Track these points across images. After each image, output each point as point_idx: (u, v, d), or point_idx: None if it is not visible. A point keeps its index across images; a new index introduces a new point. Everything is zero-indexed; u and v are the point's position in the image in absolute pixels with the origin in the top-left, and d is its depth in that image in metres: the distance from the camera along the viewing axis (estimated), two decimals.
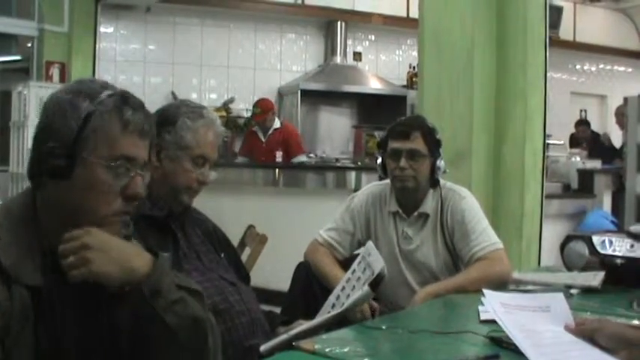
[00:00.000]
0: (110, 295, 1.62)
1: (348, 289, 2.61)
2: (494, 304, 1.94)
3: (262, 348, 2.23)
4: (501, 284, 2.90)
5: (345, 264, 3.16)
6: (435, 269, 3.18)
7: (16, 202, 1.64)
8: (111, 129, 1.58)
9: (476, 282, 2.90)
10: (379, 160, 3.31)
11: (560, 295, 2.05)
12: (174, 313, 1.61)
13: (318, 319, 2.39)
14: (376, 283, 2.40)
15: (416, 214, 3.23)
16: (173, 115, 2.52)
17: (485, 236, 3.10)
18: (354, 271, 2.65)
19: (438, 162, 3.17)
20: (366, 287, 2.39)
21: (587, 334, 1.80)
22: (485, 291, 2.05)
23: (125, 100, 1.62)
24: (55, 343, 1.54)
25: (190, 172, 2.50)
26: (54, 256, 1.55)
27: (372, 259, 2.55)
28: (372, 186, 3.43)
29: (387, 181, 3.32)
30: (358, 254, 3.35)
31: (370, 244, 2.70)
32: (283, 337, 2.22)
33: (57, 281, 1.55)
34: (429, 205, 3.21)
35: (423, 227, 3.22)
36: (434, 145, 3.18)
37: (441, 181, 3.22)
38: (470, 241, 3.09)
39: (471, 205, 3.20)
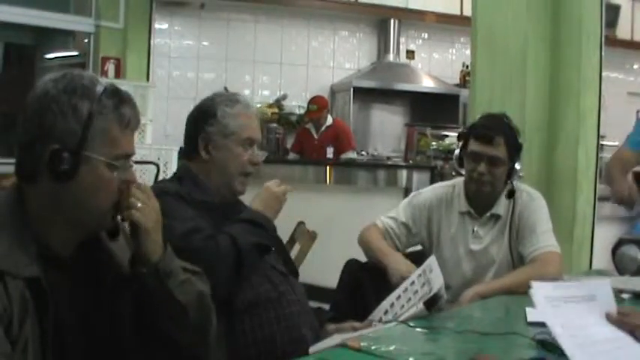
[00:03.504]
0: (110, 282, 1.72)
1: (404, 300, 2.61)
2: (540, 300, 1.92)
3: (311, 350, 2.24)
4: None
5: None
6: (499, 270, 3.17)
7: (3, 198, 1.66)
8: (112, 129, 1.65)
9: (524, 283, 2.87)
10: (456, 152, 3.29)
11: (606, 282, 2.03)
12: (183, 290, 1.75)
13: (372, 329, 2.39)
14: (432, 302, 2.39)
15: (488, 214, 3.23)
16: (211, 107, 2.60)
17: (542, 237, 3.09)
18: (412, 282, 2.64)
19: (516, 166, 3.16)
20: (421, 305, 2.39)
21: (629, 327, 1.77)
22: (533, 283, 2.05)
23: (120, 97, 1.68)
24: (59, 331, 1.59)
25: (241, 156, 2.58)
26: (48, 247, 1.62)
27: (433, 275, 2.54)
28: (436, 187, 3.44)
29: (453, 182, 3.35)
30: (414, 251, 3.38)
31: (433, 259, 2.66)
32: (335, 341, 2.22)
33: (53, 270, 1.60)
34: (502, 206, 3.21)
35: (493, 228, 3.23)
36: (515, 150, 3.16)
37: (516, 184, 3.21)
38: (529, 240, 3.10)
39: (538, 207, 3.21)
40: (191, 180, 2.58)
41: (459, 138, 3.35)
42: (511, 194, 3.17)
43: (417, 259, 3.17)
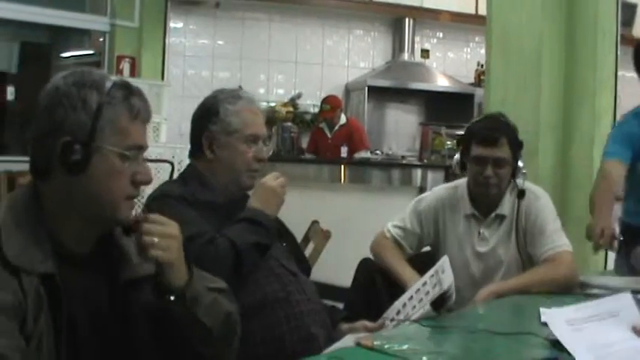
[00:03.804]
0: (125, 281, 1.71)
1: (416, 300, 2.59)
2: (559, 325, 1.92)
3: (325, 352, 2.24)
4: (566, 287, 2.86)
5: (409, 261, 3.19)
6: (508, 270, 3.15)
7: (19, 196, 1.67)
8: (122, 119, 1.65)
9: (540, 283, 2.88)
10: (457, 157, 3.26)
11: (628, 296, 2.02)
12: (210, 313, 1.73)
13: (385, 330, 2.39)
14: (440, 302, 2.39)
15: (493, 215, 3.20)
16: (214, 105, 2.58)
17: (554, 237, 3.06)
18: (424, 283, 2.62)
19: (519, 164, 3.14)
20: (428, 306, 2.39)
21: None
22: (546, 312, 2.05)
23: (130, 89, 1.68)
24: (74, 328, 1.60)
25: (246, 153, 2.56)
26: (62, 245, 1.63)
27: (444, 276, 2.52)
28: (440, 189, 3.41)
29: (455, 184, 3.32)
30: (423, 252, 3.37)
31: (445, 259, 2.63)
32: (348, 342, 2.22)
33: (68, 267, 1.61)
34: (506, 206, 3.18)
35: (499, 228, 3.20)
36: (517, 148, 3.14)
37: (520, 183, 3.18)
38: (540, 241, 3.06)
39: (545, 205, 3.17)
40: (197, 179, 2.57)
41: (458, 143, 3.31)
42: (521, 194, 3.15)
43: (425, 260, 3.18)
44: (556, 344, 1.88)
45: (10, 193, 1.72)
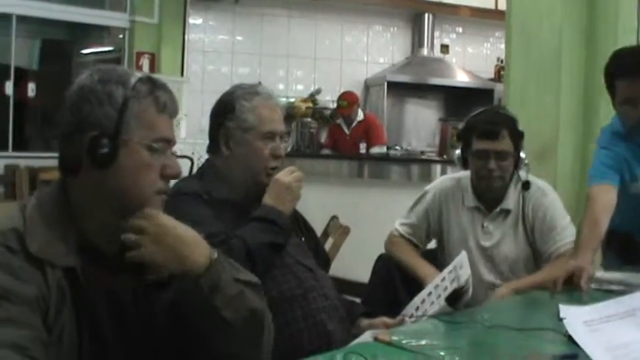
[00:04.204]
0: (148, 282, 1.68)
1: (434, 296, 2.59)
2: (576, 326, 1.91)
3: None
4: None
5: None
6: (514, 265, 3.13)
7: (48, 192, 1.68)
8: (148, 112, 1.65)
9: (556, 279, 2.86)
10: (458, 152, 3.24)
11: None
12: (232, 307, 1.67)
13: (405, 326, 2.39)
14: (456, 297, 2.38)
15: (498, 209, 3.17)
16: (230, 101, 2.55)
17: (566, 233, 3.05)
18: (443, 279, 2.61)
19: (521, 155, 3.11)
20: (443, 302, 2.39)
21: None
22: (565, 309, 2.05)
23: (155, 83, 1.68)
24: (98, 324, 1.61)
25: (263, 150, 2.52)
26: (90, 242, 1.64)
27: (462, 272, 2.51)
28: (444, 181, 3.39)
29: (458, 175, 3.31)
30: (432, 250, 3.38)
31: (464, 255, 2.63)
32: (367, 339, 2.22)
33: (94, 264, 1.62)
34: (511, 200, 3.16)
35: (504, 222, 3.17)
36: (519, 140, 3.11)
37: (523, 175, 3.18)
38: (551, 238, 3.05)
39: (553, 202, 3.15)
40: (214, 175, 2.56)
41: (458, 138, 3.28)
42: (526, 186, 3.13)
43: (436, 256, 3.23)
44: (575, 341, 1.88)
45: (39, 189, 1.74)
